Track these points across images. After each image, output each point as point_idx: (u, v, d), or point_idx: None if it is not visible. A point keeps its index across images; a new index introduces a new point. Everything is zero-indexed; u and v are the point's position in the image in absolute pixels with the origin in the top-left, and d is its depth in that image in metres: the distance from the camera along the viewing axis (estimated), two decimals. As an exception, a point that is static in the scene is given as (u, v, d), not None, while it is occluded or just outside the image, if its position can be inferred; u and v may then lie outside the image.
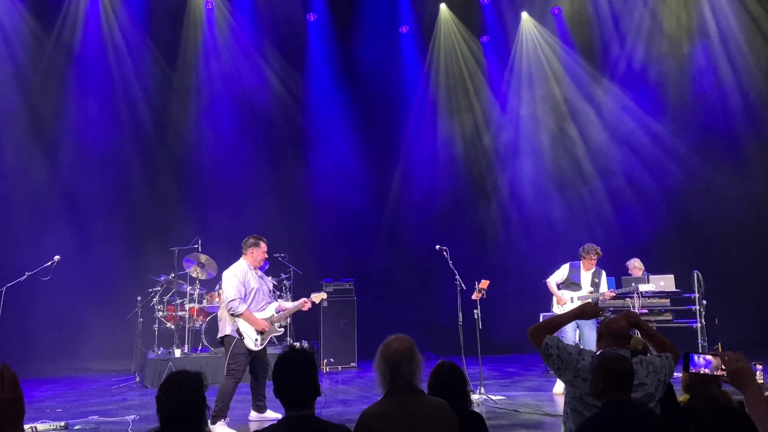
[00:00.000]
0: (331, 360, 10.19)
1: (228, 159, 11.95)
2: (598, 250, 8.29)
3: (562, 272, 8.42)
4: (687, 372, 2.48)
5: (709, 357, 2.37)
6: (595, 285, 8.29)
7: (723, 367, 2.32)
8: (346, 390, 8.44)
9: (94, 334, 10.60)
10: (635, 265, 9.76)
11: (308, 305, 6.80)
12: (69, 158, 11.03)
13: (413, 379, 2.80)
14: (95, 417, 6.64)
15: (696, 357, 2.40)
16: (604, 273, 8.42)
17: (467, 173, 13.39)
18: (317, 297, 6.99)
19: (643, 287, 8.52)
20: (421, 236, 12.50)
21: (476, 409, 6.88)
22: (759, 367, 4.27)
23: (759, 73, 11.33)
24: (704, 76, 11.78)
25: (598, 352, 3.26)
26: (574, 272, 8.38)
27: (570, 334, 7.89)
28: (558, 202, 12.76)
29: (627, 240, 11.63)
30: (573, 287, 8.29)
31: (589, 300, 8.18)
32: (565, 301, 8.24)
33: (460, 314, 7.87)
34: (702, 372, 2.41)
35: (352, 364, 10.37)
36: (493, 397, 7.41)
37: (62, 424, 6.18)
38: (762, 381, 4.15)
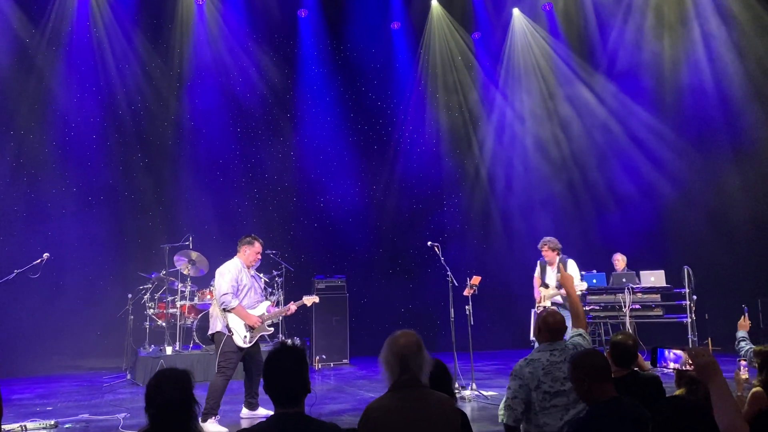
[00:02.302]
0: (323, 357, 10.19)
1: (219, 155, 11.89)
2: (550, 243, 7.93)
3: (537, 271, 8.32)
4: (655, 367, 2.49)
5: (678, 352, 2.38)
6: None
7: (690, 361, 2.34)
8: (339, 386, 8.43)
9: (85, 332, 10.53)
10: (617, 258, 10.18)
11: (292, 310, 6.84)
12: (57, 154, 10.95)
13: (420, 374, 2.82)
14: (85, 415, 6.61)
15: (666, 352, 2.40)
16: (570, 263, 7.99)
17: (458, 169, 13.40)
18: (309, 300, 7.03)
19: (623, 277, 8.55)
20: (413, 232, 12.51)
21: (468, 405, 6.93)
22: (743, 362, 4.31)
23: (751, 69, 11.37)
24: (698, 71, 11.80)
25: (569, 357, 3.30)
26: (544, 270, 8.14)
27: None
28: (548, 198, 12.81)
29: (617, 236, 11.68)
30: (546, 286, 8.03)
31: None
32: (538, 299, 8.20)
33: (452, 310, 7.89)
34: (671, 367, 2.43)
35: (345, 361, 10.37)
36: (484, 393, 7.43)
37: (52, 422, 6.15)
38: (746, 376, 4.19)
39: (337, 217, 12.41)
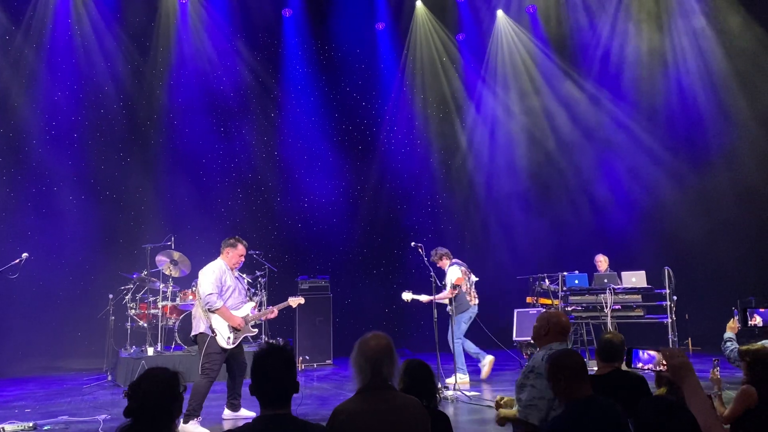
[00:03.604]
0: (307, 357, 10.16)
1: (202, 155, 11.81)
2: (435, 255, 8.62)
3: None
4: (630, 367, 2.52)
5: (652, 353, 2.41)
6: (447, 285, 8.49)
7: (664, 362, 2.37)
8: (322, 387, 8.42)
9: (65, 333, 10.42)
10: (599, 259, 10.31)
11: (273, 315, 6.86)
12: (38, 153, 10.81)
13: (391, 378, 2.83)
14: (65, 417, 6.53)
15: (640, 352, 2.44)
16: (451, 269, 8.48)
17: (443, 170, 13.45)
18: (294, 301, 7.07)
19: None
20: (397, 233, 12.52)
21: (450, 405, 6.95)
22: (716, 361, 4.39)
23: (730, 72, 11.54)
24: (679, 73, 11.97)
25: (545, 357, 3.31)
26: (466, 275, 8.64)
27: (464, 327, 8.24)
28: (533, 199, 12.89)
29: (599, 236, 11.79)
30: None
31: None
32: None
33: (435, 310, 7.92)
34: (645, 368, 2.46)
35: (328, 362, 10.35)
36: (467, 393, 7.46)
37: (30, 424, 6.07)
38: (718, 376, 4.28)
39: (321, 217, 12.39)
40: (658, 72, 12.10)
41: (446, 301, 8.42)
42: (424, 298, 8.39)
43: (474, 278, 8.64)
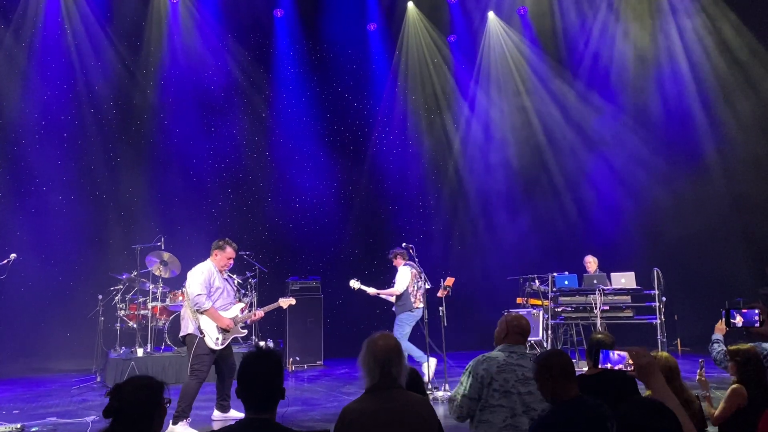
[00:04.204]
0: (297, 358, 10.14)
1: (192, 155, 11.76)
2: (391, 255, 8.52)
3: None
4: (597, 368, 2.52)
5: (623, 353, 2.43)
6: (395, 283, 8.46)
7: (631, 362, 2.38)
8: (312, 389, 8.41)
9: (54, 334, 10.35)
10: (588, 260, 10.30)
11: (258, 317, 6.88)
12: (27, 153, 10.74)
13: (399, 378, 2.86)
14: (53, 418, 6.51)
15: (610, 353, 2.45)
16: (402, 269, 8.36)
17: (435, 170, 13.46)
18: (285, 302, 7.07)
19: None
20: (388, 233, 12.52)
21: (441, 406, 6.96)
22: (702, 363, 4.42)
23: (719, 76, 11.63)
24: (668, 77, 12.04)
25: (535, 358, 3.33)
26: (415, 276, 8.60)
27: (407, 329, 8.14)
28: (523, 200, 12.93)
29: (588, 237, 11.84)
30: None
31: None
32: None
33: (426, 311, 7.93)
34: (616, 369, 2.47)
35: (319, 363, 10.34)
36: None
37: (18, 426, 6.03)
38: (704, 378, 4.31)
39: (312, 217, 12.37)
40: (649, 74, 12.17)
41: (392, 299, 8.40)
42: (371, 290, 8.38)
43: (427, 284, 8.39)
